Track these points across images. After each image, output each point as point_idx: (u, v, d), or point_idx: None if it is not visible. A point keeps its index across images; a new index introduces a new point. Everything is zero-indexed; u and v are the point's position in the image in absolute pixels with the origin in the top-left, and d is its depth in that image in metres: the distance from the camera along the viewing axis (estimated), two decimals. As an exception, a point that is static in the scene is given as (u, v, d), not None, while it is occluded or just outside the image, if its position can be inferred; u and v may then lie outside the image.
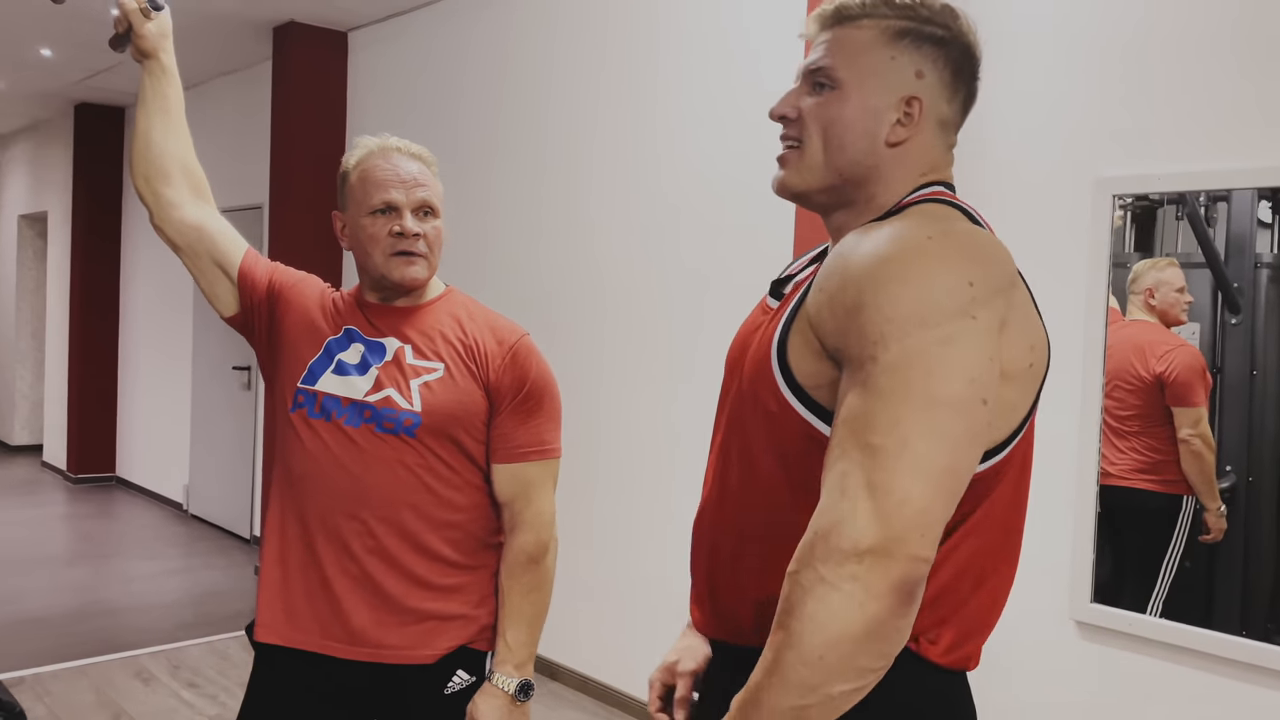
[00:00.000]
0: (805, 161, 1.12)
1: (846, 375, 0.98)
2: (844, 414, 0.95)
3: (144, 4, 1.71)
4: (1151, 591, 2.50)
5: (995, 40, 2.82)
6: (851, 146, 1.10)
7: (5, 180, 9.48)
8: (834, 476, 0.93)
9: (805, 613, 0.90)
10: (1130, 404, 2.55)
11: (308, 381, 1.67)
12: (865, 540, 0.89)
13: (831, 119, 1.10)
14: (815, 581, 0.90)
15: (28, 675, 3.94)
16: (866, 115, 1.09)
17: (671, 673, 1.31)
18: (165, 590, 5.22)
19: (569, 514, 3.71)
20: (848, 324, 0.97)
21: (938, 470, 0.91)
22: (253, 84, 6.20)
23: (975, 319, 0.95)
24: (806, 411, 1.04)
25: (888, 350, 0.93)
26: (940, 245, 0.98)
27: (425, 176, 1.70)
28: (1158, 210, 2.53)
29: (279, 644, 1.67)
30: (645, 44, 3.76)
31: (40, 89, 7.19)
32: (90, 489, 7.81)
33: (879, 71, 1.09)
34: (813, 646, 0.90)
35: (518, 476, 1.68)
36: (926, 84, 1.10)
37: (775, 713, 0.92)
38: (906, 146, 1.10)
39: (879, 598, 0.89)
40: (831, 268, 1.02)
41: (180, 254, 1.74)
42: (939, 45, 1.10)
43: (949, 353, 0.93)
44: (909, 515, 0.90)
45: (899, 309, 0.94)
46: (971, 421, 0.94)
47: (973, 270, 0.97)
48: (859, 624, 0.89)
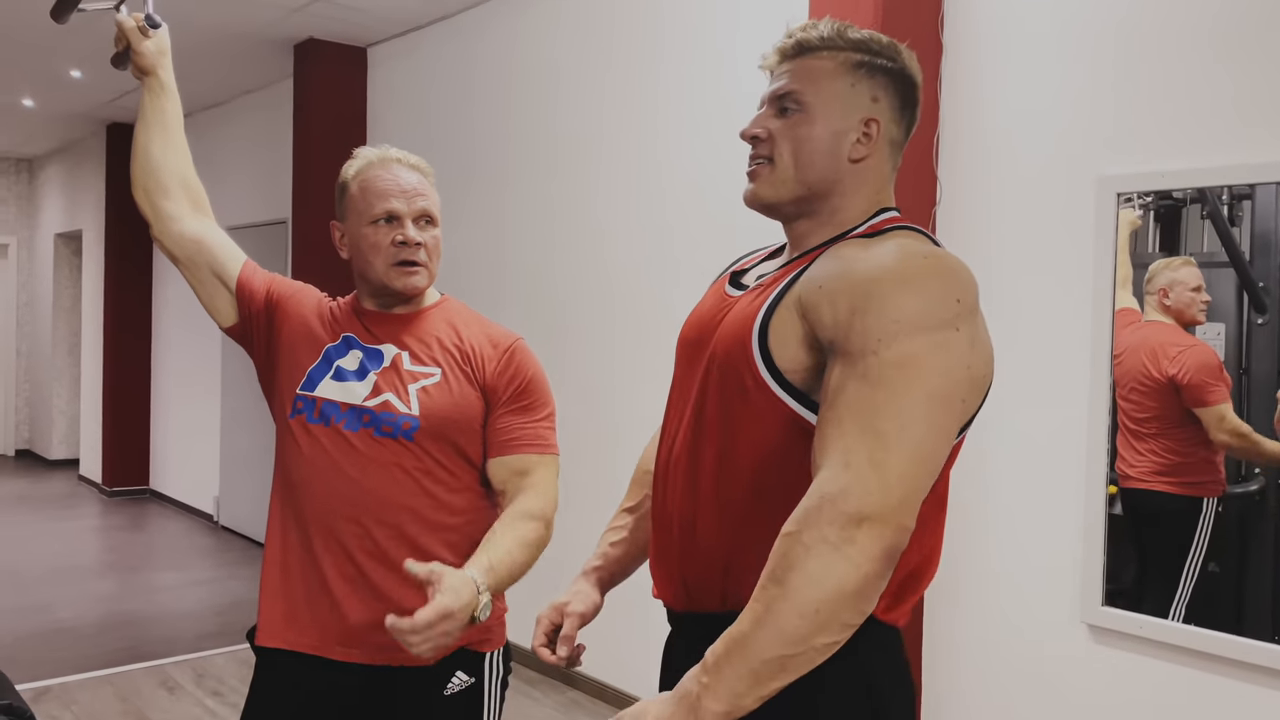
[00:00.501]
0: (777, 176, 1.25)
1: (842, 365, 1.10)
2: (845, 399, 1.07)
3: (141, 23, 1.75)
4: (1174, 595, 2.47)
5: (996, 38, 2.81)
6: (819, 163, 1.23)
7: (42, 200, 9.68)
8: (837, 452, 1.05)
9: (807, 569, 1.01)
10: (1147, 406, 2.52)
11: (306, 388, 1.70)
12: (868, 508, 1.01)
13: (801, 138, 1.24)
14: (818, 541, 1.01)
15: (55, 684, 4.01)
16: (831, 135, 1.23)
17: (560, 612, 1.43)
18: (191, 600, 5.30)
19: (583, 519, 3.72)
20: (850, 320, 1.10)
21: (927, 454, 1.06)
22: (275, 101, 6.30)
23: (959, 331, 1.10)
24: (782, 391, 1.17)
25: (890, 348, 1.06)
26: (935, 265, 1.13)
27: (424, 186, 1.73)
28: (1182, 209, 2.50)
29: (280, 647, 1.69)
30: (649, 52, 3.78)
31: (72, 110, 7.35)
32: (125, 501, 7.94)
33: (841, 96, 1.23)
34: (809, 600, 1.00)
35: (513, 465, 1.69)
36: (881, 108, 1.24)
37: (762, 662, 1.01)
38: (866, 163, 1.25)
39: (872, 560, 1.01)
40: (833, 271, 1.15)
41: (180, 266, 1.78)
42: (888, 75, 1.24)
43: (941, 356, 1.08)
44: (904, 490, 1.04)
45: (902, 313, 1.08)
46: (953, 416, 1.09)
47: (959, 289, 1.12)
48: (853, 582, 1.01)
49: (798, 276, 1.20)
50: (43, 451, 9.75)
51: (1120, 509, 2.57)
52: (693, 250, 3.60)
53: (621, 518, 1.55)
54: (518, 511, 1.64)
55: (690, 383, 1.30)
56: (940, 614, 2.91)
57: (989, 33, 2.81)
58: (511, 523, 1.62)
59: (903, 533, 1.03)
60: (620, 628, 3.83)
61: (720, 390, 1.23)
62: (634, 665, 3.81)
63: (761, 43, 3.36)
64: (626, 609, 2.26)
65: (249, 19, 5.02)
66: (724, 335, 1.24)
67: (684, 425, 1.29)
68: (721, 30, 3.52)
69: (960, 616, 2.87)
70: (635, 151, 3.85)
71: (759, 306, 1.21)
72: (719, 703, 1.03)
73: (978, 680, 2.83)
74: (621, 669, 3.88)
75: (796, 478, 1.14)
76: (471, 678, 1.71)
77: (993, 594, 2.80)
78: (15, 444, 10.02)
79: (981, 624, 2.82)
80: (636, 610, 2.30)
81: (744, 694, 1.03)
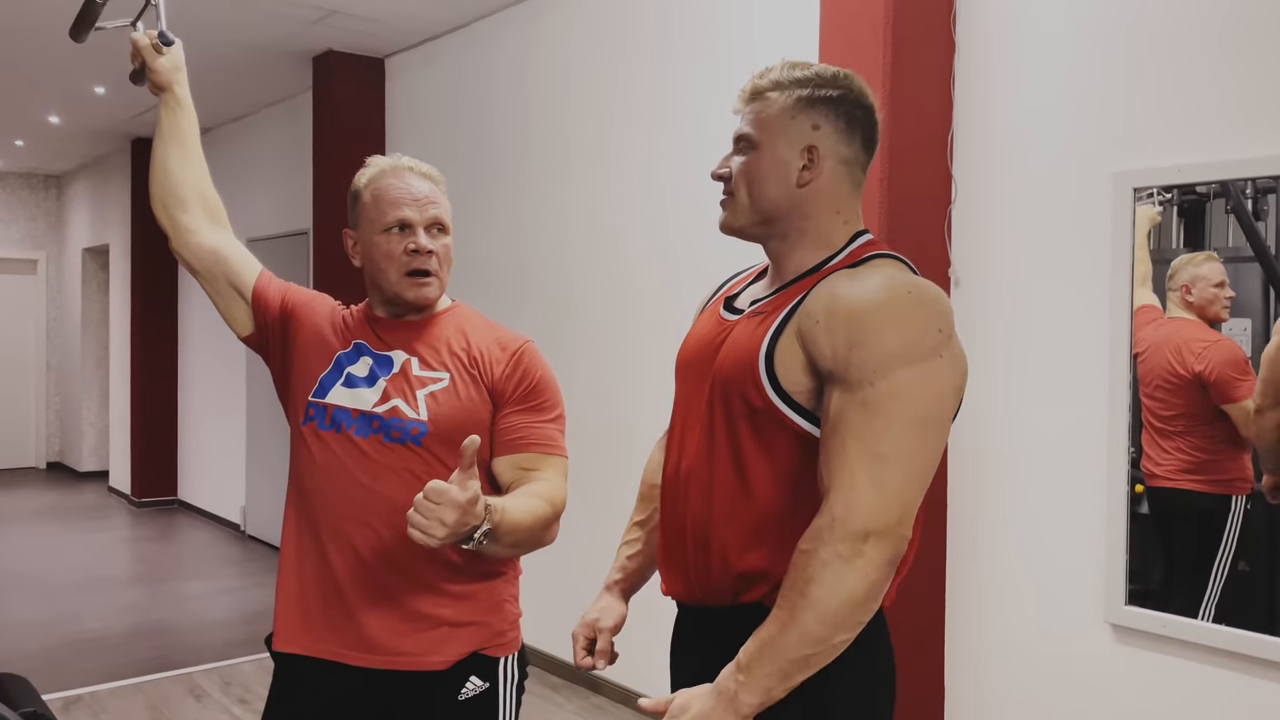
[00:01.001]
0: (737, 206, 1.43)
1: (841, 392, 1.25)
2: (847, 425, 1.23)
3: (155, 40, 1.77)
4: (1203, 595, 2.44)
5: (1009, 34, 2.80)
6: (770, 191, 1.39)
7: (70, 215, 9.82)
8: (843, 474, 1.22)
9: (824, 581, 1.19)
10: (1173, 403, 2.49)
11: (318, 395, 1.72)
12: (873, 525, 1.20)
13: (753, 172, 1.40)
14: (832, 556, 1.20)
15: (85, 693, 4.05)
16: (778, 165, 1.38)
17: (593, 628, 1.60)
18: (219, 609, 5.34)
19: (600, 522, 3.73)
20: (848, 354, 1.25)
21: (921, 471, 1.24)
22: (295, 113, 6.36)
23: (942, 358, 1.26)
24: (790, 411, 1.31)
25: (885, 379, 1.22)
26: (917, 298, 1.28)
27: (436, 195, 1.74)
28: (1205, 204, 2.47)
29: (296, 653, 1.70)
30: (660, 57, 3.78)
31: (96, 126, 7.45)
32: (153, 512, 8.03)
33: (783, 130, 1.38)
34: (829, 607, 1.19)
35: (520, 463, 1.68)
36: (823, 134, 1.38)
37: (789, 661, 1.21)
38: (815, 184, 1.38)
39: (879, 568, 1.21)
40: (827, 307, 1.29)
41: (198, 277, 1.80)
42: (831, 103, 1.38)
43: (928, 384, 1.24)
44: (903, 507, 1.22)
45: (893, 347, 1.23)
46: (942, 435, 1.28)
47: (938, 319, 1.27)
48: (864, 589, 1.20)
49: (795, 307, 1.34)
50: (73, 464, 9.88)
51: (1147, 508, 2.54)
52: (701, 253, 3.60)
53: (634, 531, 1.70)
54: (529, 490, 1.63)
55: (695, 402, 1.44)
56: (964, 615, 2.90)
57: (1002, 29, 2.80)
58: (522, 494, 1.61)
59: (903, 542, 1.23)
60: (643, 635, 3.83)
61: (726, 410, 1.37)
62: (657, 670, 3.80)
63: (772, 44, 3.37)
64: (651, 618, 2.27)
65: (268, 32, 5.07)
66: (727, 359, 1.38)
67: (693, 442, 1.42)
68: (731, 36, 3.53)
69: (983, 617, 2.85)
70: (646, 156, 3.85)
71: (763, 334, 1.35)
72: (753, 695, 1.23)
73: (1001, 681, 2.81)
74: (644, 674, 3.88)
75: (806, 488, 1.30)
76: (486, 683, 1.71)
77: (1016, 595, 2.78)
78: (46, 456, 10.15)
79: (1005, 625, 2.80)
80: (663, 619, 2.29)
81: (774, 687, 1.23)
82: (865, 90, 1.41)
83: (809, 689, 1.27)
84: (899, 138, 2.73)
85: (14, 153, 8.66)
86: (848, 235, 1.41)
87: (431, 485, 1.37)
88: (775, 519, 1.33)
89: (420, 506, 1.37)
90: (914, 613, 2.81)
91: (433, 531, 1.38)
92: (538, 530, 1.60)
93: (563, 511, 1.68)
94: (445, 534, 1.39)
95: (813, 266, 1.39)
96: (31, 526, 7.42)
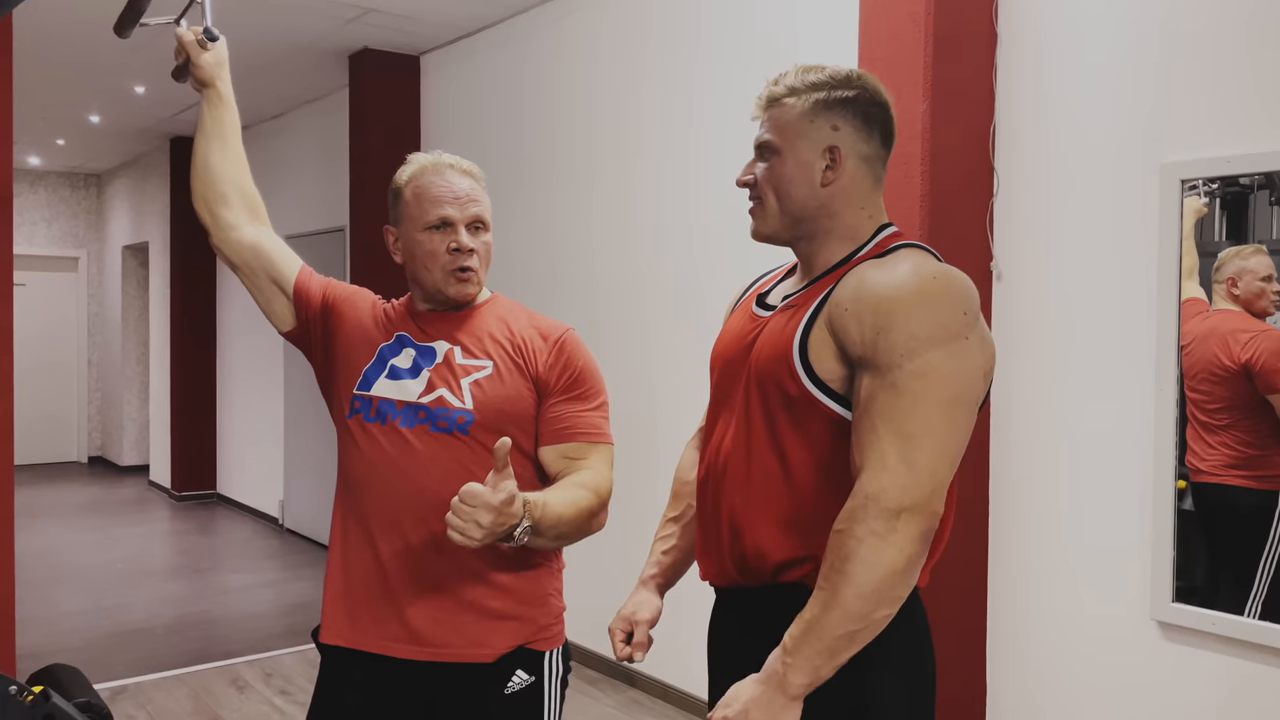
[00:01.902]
0: (766, 213, 1.47)
1: (871, 376, 1.29)
2: (877, 407, 1.27)
3: (199, 36, 1.79)
4: (1249, 592, 2.40)
5: (1052, 25, 2.76)
6: (796, 194, 1.43)
7: (110, 214, 9.96)
8: (874, 455, 1.26)
9: (862, 558, 1.23)
10: (1219, 396, 2.45)
11: (363, 387, 1.72)
12: (905, 502, 1.24)
13: (778, 178, 1.44)
14: (867, 534, 1.23)
15: (130, 684, 4.12)
16: (801, 168, 1.42)
17: (630, 621, 1.63)
18: (259, 601, 5.41)
19: (634, 514, 3.72)
20: (875, 339, 1.28)
21: (950, 449, 1.28)
22: (332, 111, 6.40)
23: (968, 340, 1.30)
24: (825, 397, 1.36)
25: (912, 361, 1.26)
26: (943, 283, 1.31)
27: (477, 192, 1.75)
28: (1249, 196, 2.43)
29: (344, 645, 1.71)
30: (689, 53, 3.77)
31: (136, 125, 7.54)
32: (193, 506, 8.14)
33: (803, 134, 1.42)
34: (868, 583, 1.23)
35: (567, 452, 1.69)
36: (843, 134, 1.42)
37: (834, 637, 1.25)
38: (838, 183, 1.42)
39: (914, 542, 1.24)
40: (855, 294, 1.32)
41: (238, 273, 1.81)
42: (848, 103, 1.42)
43: (956, 365, 1.28)
44: (934, 483, 1.26)
45: (921, 330, 1.27)
46: (970, 416, 1.31)
47: (965, 302, 1.31)
48: (901, 563, 1.24)
49: (826, 298, 1.38)
50: (114, 458, 10.03)
51: (1191, 504, 2.50)
52: (727, 250, 3.59)
53: (668, 527, 1.72)
54: (572, 480, 1.65)
55: (732, 395, 1.48)
56: (1006, 611, 2.87)
57: (1045, 20, 2.76)
58: (564, 486, 1.63)
59: (934, 517, 1.26)
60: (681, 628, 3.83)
61: (764, 400, 1.41)
62: (694, 664, 3.80)
63: (797, 40, 3.34)
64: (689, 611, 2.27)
65: (305, 31, 5.11)
66: (763, 352, 1.42)
67: (730, 432, 1.46)
68: (768, 32, 3.51)
69: (1026, 613, 2.82)
70: (674, 153, 3.84)
71: (796, 325, 1.39)
72: (802, 676, 1.26)
73: (1045, 678, 2.78)
74: (681, 668, 3.88)
75: (841, 471, 1.34)
76: (532, 676, 1.71)
77: (1059, 591, 2.75)
78: (88, 451, 10.32)
79: (1049, 621, 2.77)
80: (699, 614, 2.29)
81: (821, 666, 1.26)
82: (880, 88, 1.46)
83: (850, 677, 1.30)
84: (941, 131, 2.70)
85: (55, 152, 8.80)
86: (873, 228, 1.45)
87: (465, 489, 1.41)
88: (812, 502, 1.37)
89: (456, 509, 1.42)
90: (956, 608, 2.79)
91: (470, 533, 1.42)
92: (582, 520, 1.61)
93: (609, 498, 1.68)
94: (482, 535, 1.42)
95: (840, 260, 1.44)
96: (75, 520, 7.55)
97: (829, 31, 3.27)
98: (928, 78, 2.66)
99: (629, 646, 1.62)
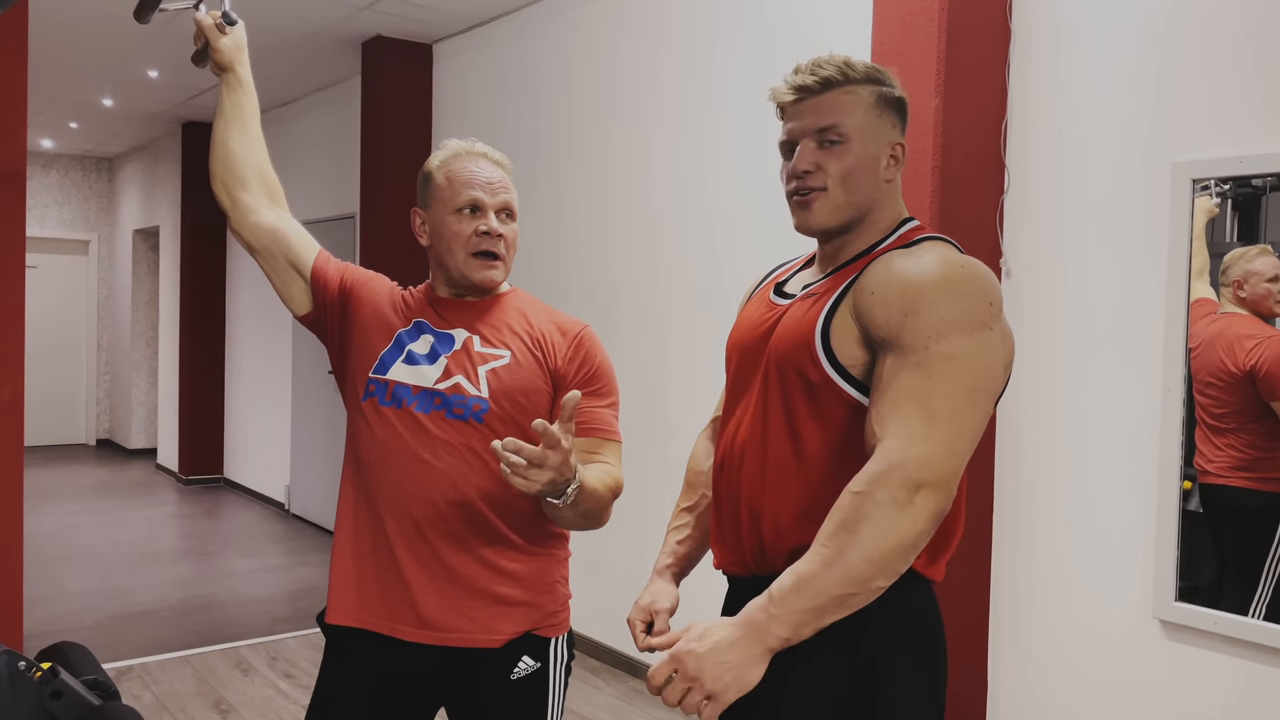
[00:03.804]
0: (831, 202, 1.43)
1: (895, 356, 1.29)
2: (901, 384, 1.27)
3: (218, 20, 1.80)
4: (1254, 593, 2.41)
5: (1066, 22, 2.76)
6: (864, 186, 1.42)
7: (121, 198, 9.99)
8: (898, 426, 1.24)
9: (877, 521, 1.20)
10: (1225, 400, 2.46)
11: (379, 371, 1.73)
12: (928, 476, 1.22)
13: (850, 170, 1.41)
14: (887, 500, 1.21)
15: (136, 665, 4.15)
16: (870, 162, 1.42)
17: (649, 612, 1.61)
18: (265, 585, 5.44)
19: (643, 506, 3.74)
20: (902, 321, 1.29)
21: (971, 433, 1.27)
22: (344, 98, 6.41)
23: (992, 330, 1.30)
24: (845, 384, 1.36)
25: (939, 343, 1.26)
26: (971, 273, 1.32)
27: (507, 181, 1.77)
28: (1261, 197, 2.43)
29: (351, 625, 1.72)
30: (704, 43, 3.77)
31: (148, 109, 7.56)
32: (200, 490, 8.17)
33: (873, 126, 1.42)
34: (879, 549, 1.20)
35: (579, 448, 1.69)
36: (899, 132, 1.45)
37: (829, 597, 1.21)
38: (895, 181, 1.46)
39: (927, 519, 1.22)
40: (883, 279, 1.33)
41: (256, 256, 1.82)
42: (898, 103, 1.45)
43: (980, 353, 1.28)
44: (954, 463, 1.25)
45: (949, 315, 1.27)
46: (989, 406, 1.30)
47: (991, 294, 1.32)
48: (913, 536, 1.21)
49: (850, 285, 1.38)
50: (122, 441, 10.08)
51: (1197, 505, 2.51)
52: (742, 242, 3.59)
53: (682, 517, 1.70)
54: (595, 468, 1.65)
55: (749, 382, 1.48)
56: (1009, 608, 2.88)
57: (1059, 17, 2.76)
58: (593, 469, 1.64)
59: (950, 499, 1.25)
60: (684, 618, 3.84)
61: (782, 386, 1.40)
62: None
63: (823, 35, 3.34)
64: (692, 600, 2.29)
65: (318, 18, 5.12)
66: (782, 338, 1.42)
67: (746, 421, 1.46)
68: (778, 24, 3.51)
69: (1029, 610, 2.83)
70: (689, 144, 3.85)
71: (818, 312, 1.39)
72: (784, 630, 1.22)
73: (1047, 675, 2.79)
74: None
75: (855, 459, 1.32)
76: (537, 663, 1.73)
77: (1063, 588, 2.76)
78: (96, 434, 10.37)
79: (1051, 618, 2.78)
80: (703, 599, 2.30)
81: (805, 624, 1.23)
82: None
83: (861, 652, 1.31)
84: (952, 126, 2.70)
85: (67, 135, 8.83)
86: (896, 221, 1.47)
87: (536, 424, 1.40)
88: (826, 488, 1.34)
89: (522, 450, 1.42)
90: (959, 603, 2.80)
91: (536, 478, 1.42)
92: (604, 504, 1.64)
93: (620, 491, 1.70)
94: (546, 480, 1.43)
95: (863, 250, 1.45)
96: (83, 502, 7.59)
97: (846, 23, 3.27)
98: (940, 72, 2.66)
99: (650, 637, 1.58)
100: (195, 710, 3.71)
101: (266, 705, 3.76)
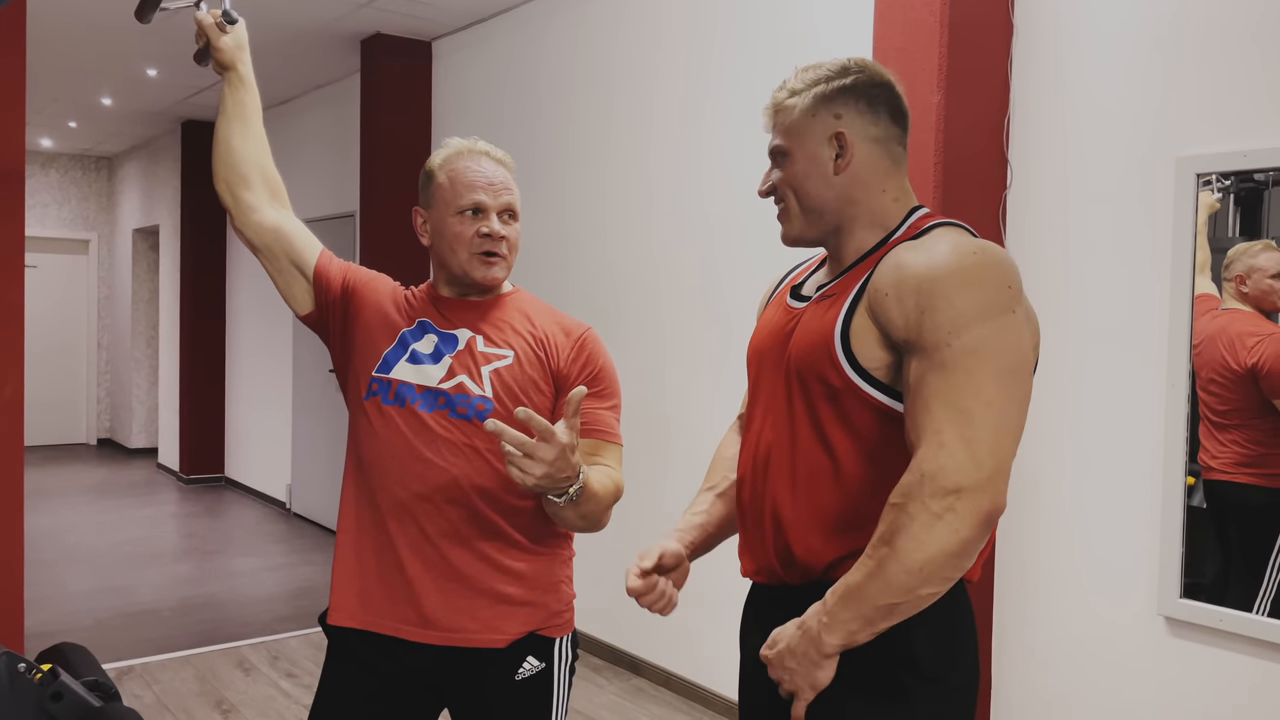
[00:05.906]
0: (790, 215, 1.46)
1: (919, 358, 1.26)
2: (928, 388, 1.23)
3: (219, 19, 1.79)
4: (1258, 589, 2.40)
5: (1069, 17, 2.75)
6: (813, 190, 1.43)
7: (120, 197, 9.98)
8: (930, 433, 1.21)
9: (912, 534, 1.20)
10: (1228, 398, 2.45)
11: (382, 370, 1.73)
12: (963, 481, 1.19)
13: (793, 177, 1.44)
14: (920, 511, 1.20)
15: (137, 664, 4.14)
16: (812, 163, 1.42)
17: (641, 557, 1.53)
18: (266, 585, 5.43)
19: (642, 506, 3.74)
20: (920, 319, 1.26)
21: (1010, 425, 1.23)
22: (343, 96, 6.40)
23: (1014, 313, 1.26)
24: (869, 387, 1.33)
25: (960, 338, 1.23)
26: (984, 258, 1.28)
27: (509, 181, 1.76)
28: (1263, 192, 2.42)
29: (354, 626, 1.71)
30: (704, 42, 3.76)
31: (148, 108, 7.55)
32: (201, 489, 8.17)
33: (807, 129, 1.42)
34: (915, 560, 1.20)
35: (582, 450, 1.69)
36: (846, 120, 1.41)
37: (873, 607, 1.24)
38: (852, 169, 1.41)
39: (970, 526, 1.19)
40: (895, 277, 1.30)
41: (259, 255, 1.82)
42: (848, 90, 1.41)
43: (1005, 338, 1.24)
44: (995, 462, 1.20)
45: (966, 306, 1.24)
46: (1026, 388, 1.26)
47: (1008, 276, 1.28)
48: (954, 544, 1.20)
49: (865, 284, 1.36)
50: (123, 440, 10.07)
51: (1200, 501, 2.51)
52: (742, 242, 3.59)
53: (703, 496, 1.65)
54: (597, 470, 1.65)
55: (772, 390, 1.46)
56: (1013, 605, 2.87)
57: (1061, 12, 2.75)
58: (595, 470, 1.64)
59: (999, 498, 1.21)
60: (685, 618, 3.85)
61: (805, 394, 1.39)
62: (698, 653, 3.82)
63: (825, 33, 3.34)
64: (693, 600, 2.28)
65: (317, 15, 5.11)
66: (800, 344, 1.40)
67: (772, 428, 1.44)
68: (781, 21, 3.50)
69: (1033, 607, 2.82)
70: (689, 144, 3.84)
71: (835, 316, 1.37)
72: (836, 637, 1.27)
73: (1050, 672, 2.78)
74: (685, 656, 3.89)
75: (892, 465, 1.30)
76: (542, 663, 1.72)
77: (1068, 585, 2.75)
78: (97, 433, 10.36)
79: (1055, 615, 2.78)
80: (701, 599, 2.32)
81: (858, 631, 1.26)
82: (879, 69, 1.45)
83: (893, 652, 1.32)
84: (955, 121, 2.69)
85: (67, 134, 8.81)
86: (902, 212, 1.43)
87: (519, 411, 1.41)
88: (863, 497, 1.34)
89: (523, 444, 1.43)
90: (961, 601, 2.79)
91: (531, 469, 1.42)
92: (605, 506, 1.63)
93: (621, 494, 1.69)
94: (542, 474, 1.43)
95: (873, 246, 1.42)
96: (84, 501, 7.58)
97: (846, 20, 3.27)
98: (943, 68, 2.65)
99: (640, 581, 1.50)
100: (197, 710, 3.71)
101: (268, 705, 3.76)
